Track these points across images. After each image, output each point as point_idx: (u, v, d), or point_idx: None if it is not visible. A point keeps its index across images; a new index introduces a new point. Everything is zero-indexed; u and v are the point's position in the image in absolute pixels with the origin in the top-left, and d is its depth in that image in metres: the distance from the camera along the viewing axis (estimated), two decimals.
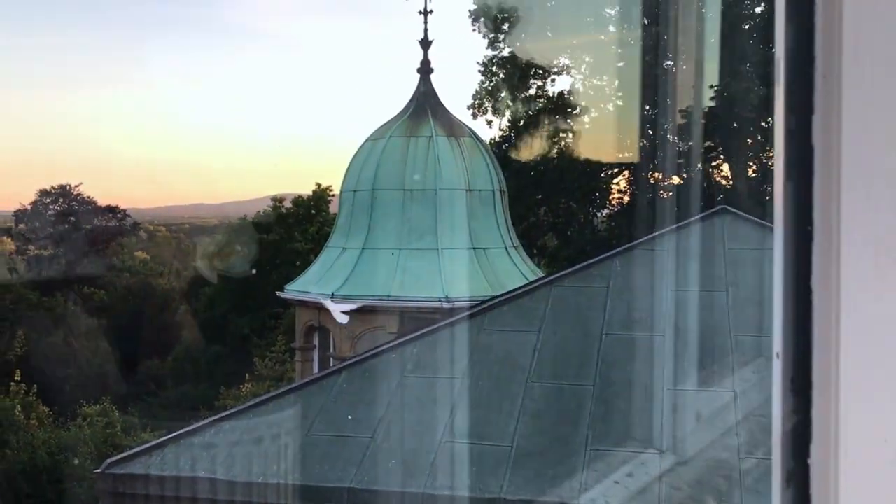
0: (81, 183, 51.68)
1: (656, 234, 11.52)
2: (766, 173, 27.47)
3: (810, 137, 1.02)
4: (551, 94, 27.58)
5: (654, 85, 23.45)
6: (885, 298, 1.02)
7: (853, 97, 0.99)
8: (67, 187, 51.00)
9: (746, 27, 23.81)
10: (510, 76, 26.88)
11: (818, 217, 1.02)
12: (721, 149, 26.54)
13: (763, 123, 25.52)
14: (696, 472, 7.73)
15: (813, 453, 1.06)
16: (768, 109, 24.58)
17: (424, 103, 17.66)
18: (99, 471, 8.96)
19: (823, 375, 1.05)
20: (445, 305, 14.96)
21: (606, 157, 25.62)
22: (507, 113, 27.97)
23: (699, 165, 26.84)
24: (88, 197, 51.40)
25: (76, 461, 24.33)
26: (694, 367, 9.00)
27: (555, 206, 27.85)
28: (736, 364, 8.95)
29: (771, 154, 26.66)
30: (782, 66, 1.04)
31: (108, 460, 9.07)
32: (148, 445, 9.21)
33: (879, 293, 1.02)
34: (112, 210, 52.13)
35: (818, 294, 1.04)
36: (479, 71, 28.36)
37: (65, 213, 51.52)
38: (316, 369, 16.38)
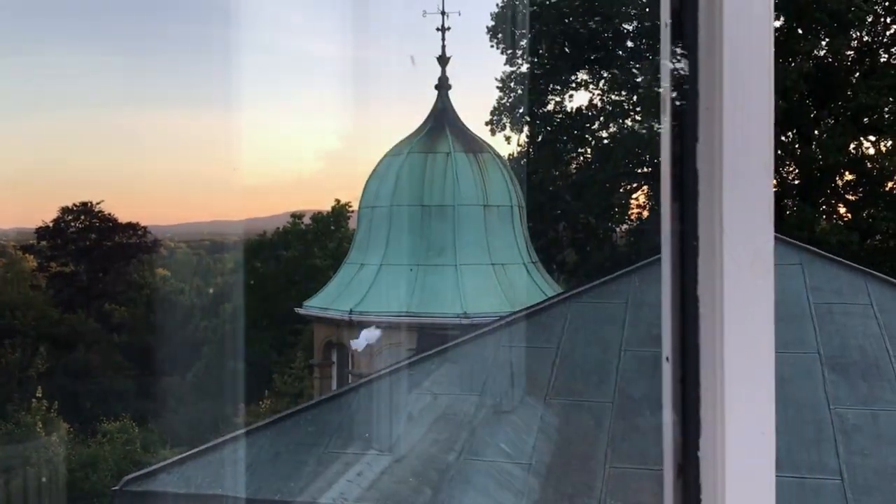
0: (103, 200, 51.94)
1: None
2: (786, 188, 27.36)
3: (695, 162, 1.13)
4: (569, 110, 27.58)
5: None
6: (760, 305, 1.17)
7: (732, 127, 1.11)
8: (89, 205, 51.35)
9: None
10: (528, 91, 26.89)
11: (703, 234, 1.15)
12: None
13: (783, 138, 25.41)
14: None
15: (702, 446, 1.16)
16: (787, 123, 24.48)
17: (442, 119, 17.69)
18: (117, 488, 8.97)
19: (709, 375, 1.16)
20: (464, 321, 14.93)
21: (625, 171, 25.54)
22: (525, 128, 27.99)
23: None
24: (109, 214, 51.73)
25: (95, 477, 24.42)
26: None
27: (574, 221, 27.78)
28: None
29: (791, 168, 26.53)
30: (668, 98, 1.16)
31: (127, 477, 9.09)
32: (167, 462, 9.22)
33: (755, 301, 1.17)
34: (133, 227, 52.42)
35: (704, 302, 1.16)
36: (497, 87, 28.42)
37: (86, 230, 51.85)
38: (334, 386, 16.38)
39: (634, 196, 28.00)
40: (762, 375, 1.20)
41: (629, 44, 27.84)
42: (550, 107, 27.65)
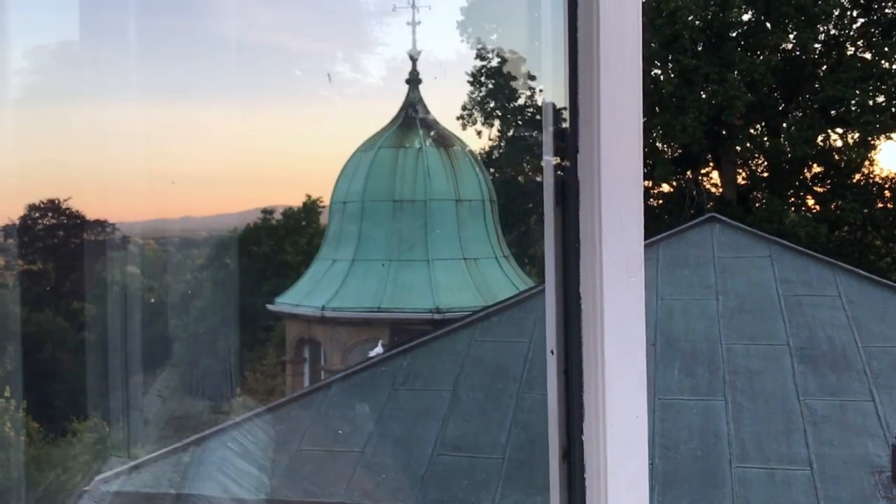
0: (70, 197, 51.45)
1: (646, 242, 11.50)
2: (755, 181, 27.53)
3: (576, 172, 1.25)
4: (540, 104, 27.63)
5: (643, 92, 23.48)
6: (634, 301, 1.30)
7: (608, 142, 1.24)
8: (56, 201, 50.84)
9: (734, 34, 23.87)
10: (499, 86, 26.90)
11: (584, 237, 1.26)
12: (710, 156, 26.59)
13: (752, 131, 25.58)
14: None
15: (585, 431, 1.29)
16: (755, 116, 24.65)
17: (413, 114, 17.65)
18: (88, 488, 8.88)
19: (591, 366, 1.28)
20: (436, 316, 14.92)
21: None
22: (496, 123, 27.99)
23: (688, 173, 26.88)
24: (77, 211, 51.22)
25: (65, 477, 24.20)
26: (686, 375, 8.98)
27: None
28: (727, 373, 8.94)
29: (760, 161, 26.74)
30: (551, 112, 1.28)
31: (98, 477, 8.99)
32: (138, 461, 9.14)
33: (630, 297, 1.30)
34: (101, 224, 51.95)
35: (585, 299, 1.27)
36: (468, 81, 28.41)
37: (54, 228, 51.33)
38: (306, 382, 16.31)
39: None
40: (636, 364, 1.33)
41: None
42: (521, 101, 27.68)
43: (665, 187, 27.66)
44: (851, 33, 25.43)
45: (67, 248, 50.83)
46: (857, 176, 25.88)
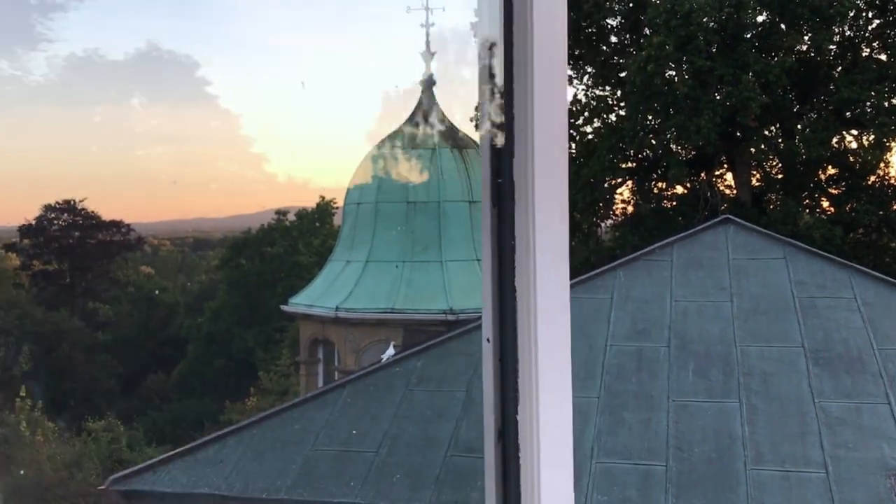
0: (86, 198, 51.69)
1: (660, 244, 11.50)
2: (770, 182, 27.42)
3: (512, 174, 1.37)
4: None
5: (658, 94, 23.41)
6: (561, 292, 1.41)
7: (541, 148, 1.36)
8: (72, 202, 51.10)
9: (748, 36, 23.79)
10: None
11: (519, 234, 1.38)
12: (724, 158, 26.50)
13: (766, 132, 25.48)
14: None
15: (520, 411, 1.39)
16: (770, 117, 24.56)
17: (427, 115, 17.68)
18: (103, 487, 8.94)
19: (525, 353, 1.39)
20: (450, 317, 14.93)
21: (609, 167, 25.54)
22: None
23: (702, 175, 26.80)
24: (93, 211, 51.49)
25: (81, 477, 24.31)
26: (700, 377, 8.96)
27: None
28: (741, 375, 8.92)
29: (774, 163, 26.64)
30: (487, 118, 1.39)
31: (113, 476, 9.05)
32: (153, 461, 9.19)
33: (558, 288, 1.41)
34: (116, 224, 52.20)
35: (520, 292, 1.38)
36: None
37: (69, 228, 51.59)
38: (320, 383, 16.36)
39: (619, 191, 28.04)
40: (563, 351, 1.43)
41: (613, 39, 27.87)
42: None
43: (679, 189, 27.59)
44: (867, 34, 25.30)
45: (83, 249, 51.08)
46: (873, 178, 25.74)
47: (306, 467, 8.48)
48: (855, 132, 25.50)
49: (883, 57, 24.55)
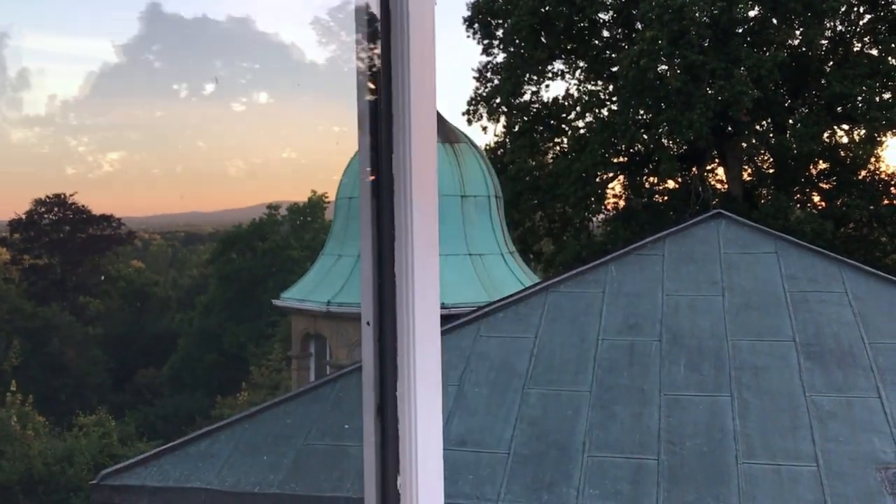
0: (76, 192, 51.49)
1: (652, 238, 11.51)
2: (761, 177, 27.48)
3: (391, 169, 1.53)
4: (546, 100, 27.61)
5: (650, 88, 23.44)
6: (433, 277, 1.57)
7: (417, 145, 1.51)
8: (62, 196, 50.93)
9: (740, 30, 23.82)
10: (504, 81, 26.86)
11: (398, 225, 1.53)
12: (716, 152, 26.55)
13: (758, 127, 25.53)
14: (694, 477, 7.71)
15: (399, 388, 1.54)
16: (761, 112, 24.60)
17: None
18: (94, 482, 8.91)
19: (404, 334, 1.54)
20: (442, 312, 14.90)
21: (601, 161, 25.57)
22: (502, 118, 27.96)
23: (694, 169, 26.85)
24: (83, 206, 51.32)
25: (72, 471, 24.26)
26: (692, 371, 8.98)
27: (550, 211, 27.80)
28: (733, 370, 8.94)
29: (765, 157, 26.69)
30: (367, 117, 1.53)
31: (104, 471, 9.03)
32: (144, 456, 9.17)
33: (430, 274, 1.57)
34: (107, 219, 52.03)
35: (399, 277, 1.54)
36: (474, 77, 28.38)
37: (60, 223, 51.42)
38: (312, 377, 16.35)
39: (611, 185, 28.09)
40: (434, 330, 1.59)
41: (605, 33, 27.88)
42: (527, 97, 27.67)
43: (670, 183, 27.65)
44: (858, 29, 25.38)
45: (74, 243, 50.92)
46: (863, 172, 25.85)
47: (298, 462, 8.47)
48: (846, 127, 25.61)
49: (874, 52, 24.64)
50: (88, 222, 51.55)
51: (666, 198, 27.70)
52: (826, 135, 24.81)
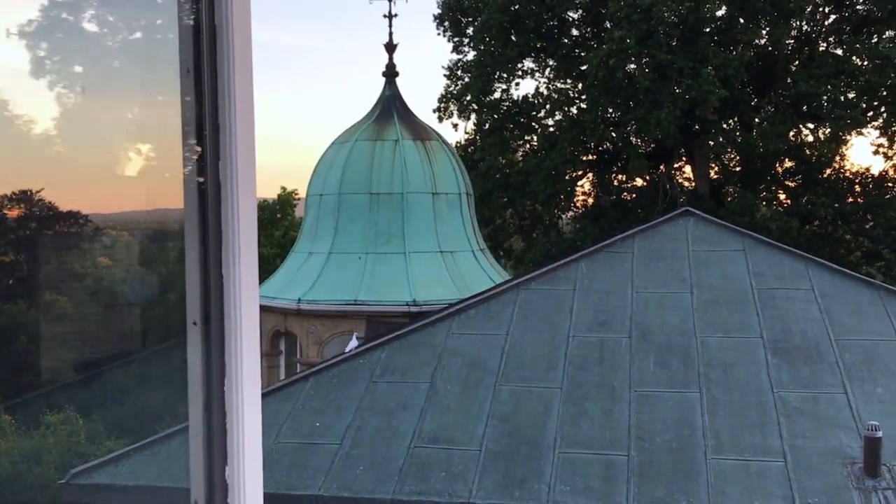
0: (43, 189, 50.93)
1: (621, 236, 11.60)
2: (728, 175, 27.72)
3: (217, 176, 1.61)
4: (516, 98, 27.68)
5: (618, 87, 23.57)
6: (253, 276, 1.64)
7: (241, 156, 1.61)
8: (29, 192, 50.35)
9: (707, 30, 24.00)
10: (475, 79, 26.89)
11: (226, 227, 1.61)
12: (683, 151, 26.75)
13: (725, 125, 25.75)
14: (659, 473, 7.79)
15: (226, 384, 1.63)
16: (728, 111, 24.82)
17: (390, 107, 17.65)
18: (63, 481, 8.85)
19: (231, 333, 1.62)
20: (413, 309, 14.95)
21: (571, 159, 25.67)
22: (473, 116, 28.00)
23: (662, 167, 27.04)
24: (50, 202, 50.74)
25: (39, 470, 24.00)
26: (661, 367, 9.06)
27: (520, 208, 27.89)
28: (701, 366, 9.03)
29: (732, 155, 26.92)
30: (193, 123, 1.62)
31: (74, 470, 8.96)
32: (115, 454, 9.11)
33: (254, 277, 1.64)
34: (74, 215, 51.51)
35: (227, 278, 1.61)
36: (445, 74, 28.39)
37: (26, 219, 50.85)
38: (282, 375, 16.30)
39: (580, 183, 28.22)
40: (256, 329, 1.66)
41: (574, 32, 27.99)
42: (497, 94, 27.72)
43: (639, 181, 27.82)
44: (823, 29, 25.66)
45: (40, 240, 50.35)
46: (828, 171, 26.15)
47: (269, 460, 8.46)
48: (811, 126, 25.90)
49: (839, 52, 24.93)
50: (55, 219, 50.98)
51: (634, 195, 27.88)
52: (792, 133, 25.08)
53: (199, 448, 1.67)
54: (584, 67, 26.20)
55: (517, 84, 28.85)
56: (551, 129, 27.04)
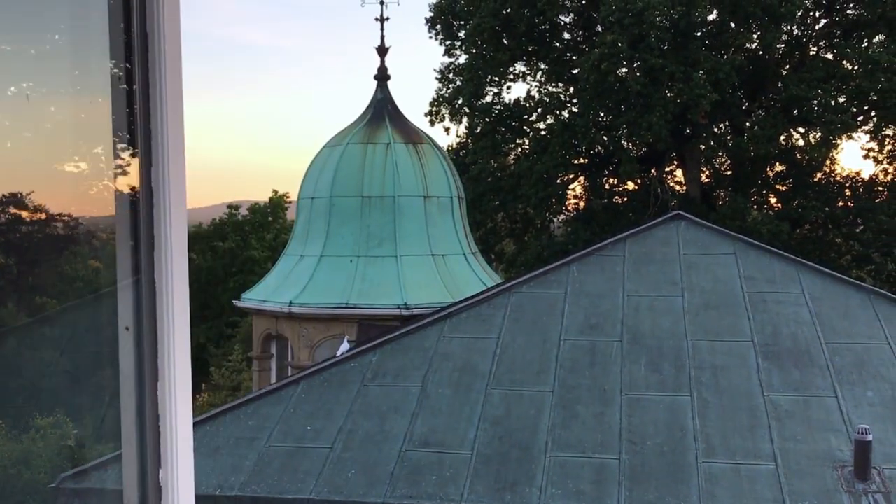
0: (33, 191, 50.78)
1: (613, 239, 11.62)
2: (719, 179, 27.79)
3: (150, 182, 1.65)
4: (507, 101, 27.68)
5: (610, 91, 23.62)
6: (184, 283, 1.69)
7: (173, 168, 1.65)
8: (19, 195, 50.21)
9: (699, 34, 24.07)
10: (466, 83, 26.90)
11: (158, 235, 1.64)
12: (674, 154, 26.80)
13: (716, 129, 25.81)
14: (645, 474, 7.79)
15: (160, 388, 1.68)
16: (720, 115, 24.88)
17: (382, 110, 17.65)
18: (53, 485, 8.82)
19: (163, 338, 1.66)
20: (404, 313, 14.94)
21: (562, 163, 25.69)
22: (464, 120, 28.00)
23: (653, 171, 27.08)
24: (41, 205, 50.61)
25: (29, 475, 23.88)
26: (652, 371, 9.08)
27: (512, 211, 27.90)
28: (692, 369, 9.05)
29: (723, 159, 26.99)
30: (124, 131, 1.69)
31: (64, 474, 8.93)
32: (105, 458, 9.07)
33: (184, 282, 1.68)
34: (64, 218, 51.40)
35: (159, 284, 1.65)
36: (436, 78, 28.40)
37: (15, 222, 50.73)
38: (273, 379, 16.27)
39: (571, 187, 28.24)
40: (186, 334, 1.71)
41: (566, 36, 28.03)
42: (489, 98, 27.72)
43: (630, 185, 27.85)
44: (814, 34, 25.75)
45: (30, 243, 50.21)
46: (819, 175, 26.23)
47: (260, 464, 8.45)
48: (802, 130, 25.95)
49: (829, 56, 25.01)
50: (46, 221, 50.89)
51: (626, 199, 27.91)
52: (782, 137, 25.13)
53: (131, 451, 1.73)
54: (575, 71, 26.24)
55: (509, 87, 28.85)
56: (543, 133, 27.05)
